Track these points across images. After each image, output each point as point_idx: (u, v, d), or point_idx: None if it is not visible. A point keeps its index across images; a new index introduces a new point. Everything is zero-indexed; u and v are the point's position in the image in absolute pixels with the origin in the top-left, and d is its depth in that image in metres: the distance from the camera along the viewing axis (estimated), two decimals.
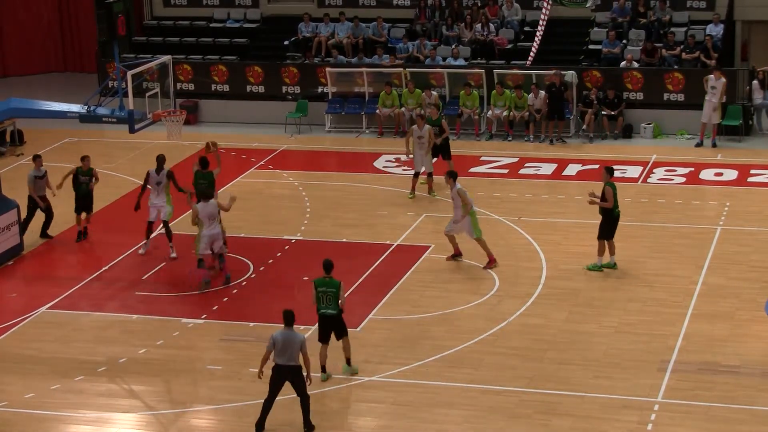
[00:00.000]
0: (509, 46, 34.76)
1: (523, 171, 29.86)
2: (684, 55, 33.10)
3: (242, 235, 24.99)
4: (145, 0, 38.59)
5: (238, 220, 25.53)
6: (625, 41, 34.01)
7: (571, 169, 29.82)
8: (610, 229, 23.21)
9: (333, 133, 34.04)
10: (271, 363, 17.54)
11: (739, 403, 18.11)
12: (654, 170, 29.50)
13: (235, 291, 23.01)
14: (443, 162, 28.21)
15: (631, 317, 21.27)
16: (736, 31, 34.26)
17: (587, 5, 33.33)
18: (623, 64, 33.13)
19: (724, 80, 31.20)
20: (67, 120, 25.42)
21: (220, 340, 20.94)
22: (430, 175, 27.84)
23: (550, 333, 20.73)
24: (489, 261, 23.73)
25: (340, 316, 19.12)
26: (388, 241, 25.16)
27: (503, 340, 20.51)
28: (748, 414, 17.85)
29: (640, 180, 28.73)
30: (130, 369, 19.98)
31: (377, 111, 33.55)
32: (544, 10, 33.62)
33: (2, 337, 21.37)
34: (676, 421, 17.69)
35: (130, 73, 24.00)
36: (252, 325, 21.45)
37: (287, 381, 17.50)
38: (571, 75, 32.65)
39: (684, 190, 28.06)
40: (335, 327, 19.17)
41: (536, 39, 33.52)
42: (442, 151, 28.40)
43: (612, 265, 23.29)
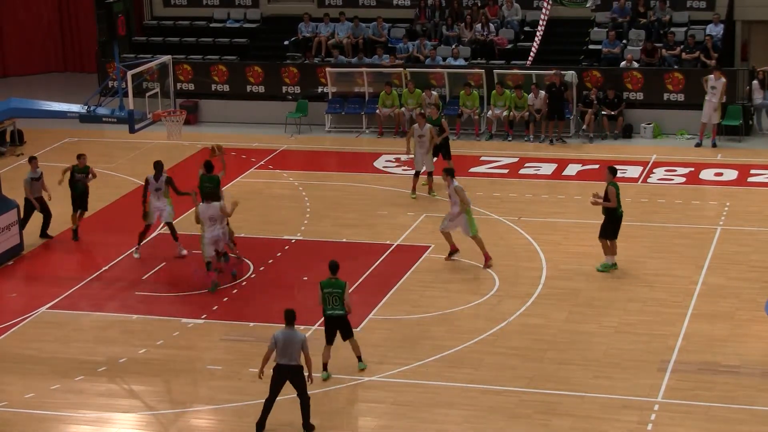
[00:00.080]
0: (509, 46, 34.75)
1: (523, 171, 29.86)
2: (684, 55, 33.09)
3: (242, 235, 24.96)
4: (145, 0, 38.59)
5: (238, 220, 25.49)
6: (625, 41, 34.00)
7: (571, 169, 29.82)
8: (613, 229, 23.17)
9: (333, 133, 34.04)
10: (272, 363, 17.55)
11: (739, 403, 18.11)
12: (654, 170, 29.49)
13: (235, 291, 23.01)
14: (443, 162, 28.18)
15: (631, 317, 21.26)
16: (736, 31, 34.25)
17: (587, 5, 33.31)
18: (623, 64, 33.12)
19: (724, 80, 31.19)
20: (67, 120, 25.43)
21: (220, 340, 20.94)
22: (430, 175, 27.82)
23: (550, 333, 20.73)
24: (486, 260, 23.75)
25: (346, 317, 19.17)
26: (388, 241, 25.16)
27: (503, 340, 20.51)
28: (748, 414, 17.85)
29: (640, 180, 28.73)
30: (130, 369, 19.98)
31: (377, 111, 33.54)
32: (544, 10, 33.61)
33: (2, 337, 21.37)
34: (676, 421, 17.69)
35: (130, 73, 24.00)
36: (252, 325, 21.45)
37: (288, 381, 17.51)
38: (571, 75, 32.64)
39: (684, 190, 28.06)
40: (342, 328, 19.20)
41: (536, 39, 33.51)
42: (442, 150, 28.40)
43: (612, 265, 23.28)
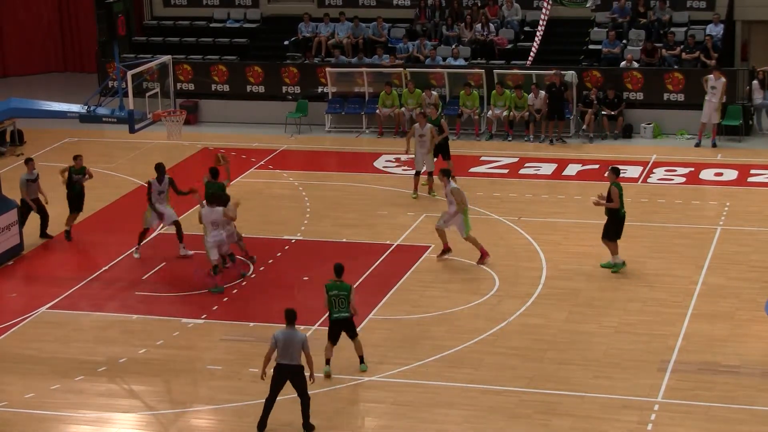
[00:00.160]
0: (509, 46, 34.74)
1: (523, 171, 29.85)
2: (684, 55, 33.09)
3: (243, 235, 24.92)
4: (145, 0, 38.59)
5: (238, 220, 25.42)
6: (625, 41, 34.00)
7: (571, 169, 29.81)
8: (616, 230, 23.14)
9: (333, 133, 34.03)
10: (273, 362, 17.54)
11: (739, 403, 18.11)
12: (654, 170, 29.49)
13: (235, 291, 23.00)
14: (443, 162, 28.17)
15: (631, 317, 21.26)
16: (736, 31, 34.25)
17: (587, 5, 33.31)
18: (623, 64, 33.12)
19: (723, 80, 31.19)
20: (67, 120, 25.42)
21: (220, 340, 20.94)
22: (431, 175, 27.81)
23: (550, 333, 20.72)
24: (481, 255, 23.76)
25: (352, 319, 19.21)
26: (388, 241, 25.15)
27: (503, 340, 20.51)
28: (748, 414, 17.85)
29: (640, 180, 28.72)
30: (130, 369, 19.97)
31: (377, 111, 33.54)
32: (544, 10, 33.60)
33: (2, 337, 21.36)
34: (676, 421, 17.69)
35: (130, 73, 23.99)
36: (252, 325, 21.44)
37: (288, 380, 17.50)
38: (571, 75, 32.64)
39: (684, 190, 28.05)
40: (347, 329, 19.24)
41: (536, 39, 33.50)
42: (442, 151, 28.38)
43: (612, 265, 23.29)
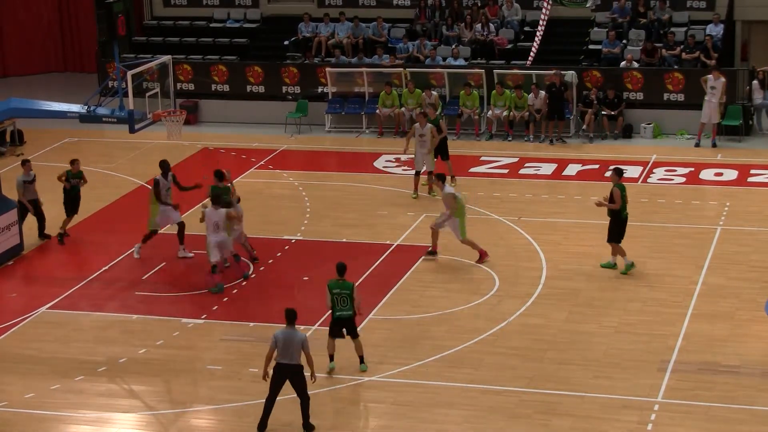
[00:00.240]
0: (509, 46, 34.74)
1: (523, 171, 29.85)
2: (684, 55, 33.09)
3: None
4: (145, 0, 38.59)
5: None
6: (625, 41, 34.00)
7: (571, 169, 29.81)
8: (618, 231, 23.11)
9: (333, 133, 34.03)
10: (272, 362, 17.54)
11: (739, 403, 18.11)
12: (654, 170, 29.49)
13: (235, 291, 23.00)
14: (441, 162, 28.20)
15: (631, 317, 21.25)
16: (736, 31, 34.25)
17: (587, 5, 33.31)
18: (623, 64, 33.11)
19: (723, 80, 31.19)
20: (67, 120, 25.40)
21: (220, 340, 20.93)
22: (431, 174, 27.81)
23: (550, 333, 20.72)
24: (480, 256, 23.76)
25: (354, 318, 19.24)
26: (388, 241, 25.15)
27: (503, 340, 20.51)
28: (748, 414, 17.85)
29: (640, 180, 28.71)
30: (130, 369, 19.97)
31: (377, 111, 33.53)
32: (544, 10, 33.60)
33: (2, 337, 21.36)
34: (676, 421, 17.69)
35: (130, 73, 23.99)
36: (252, 325, 21.44)
37: (288, 380, 17.50)
38: (571, 75, 32.63)
39: (684, 190, 28.05)
40: (348, 327, 19.28)
41: (536, 39, 33.50)
42: (440, 151, 28.35)
43: (612, 265, 23.29)
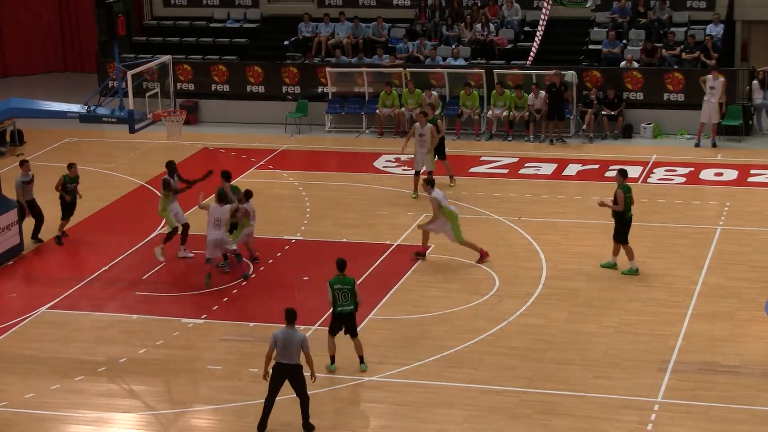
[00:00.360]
0: (509, 46, 34.75)
1: (523, 171, 29.85)
2: (684, 55, 33.09)
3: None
4: (145, 0, 38.60)
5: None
6: (625, 41, 34.00)
7: (571, 169, 29.81)
8: (623, 232, 23.08)
9: (333, 133, 34.03)
10: (272, 362, 17.54)
11: (739, 403, 18.11)
12: (654, 170, 29.49)
13: (235, 291, 23.00)
14: (439, 162, 28.19)
15: (631, 317, 21.25)
16: (736, 31, 34.26)
17: (587, 5, 33.32)
18: (623, 64, 33.12)
19: (722, 80, 31.20)
20: (67, 120, 25.39)
21: (220, 340, 20.93)
22: (431, 174, 27.78)
23: (550, 333, 20.72)
24: (481, 255, 23.77)
25: (355, 314, 19.27)
26: (388, 241, 25.15)
27: (503, 340, 20.50)
28: (748, 414, 17.85)
29: (640, 180, 28.70)
30: (130, 369, 19.97)
31: (377, 111, 33.53)
32: (544, 10, 33.60)
33: (2, 337, 21.36)
34: (676, 421, 17.68)
35: (130, 73, 23.98)
36: (252, 325, 21.44)
37: (287, 380, 17.49)
38: (571, 75, 32.63)
39: (684, 190, 28.05)
40: (349, 323, 19.29)
41: (536, 39, 33.50)
42: (438, 151, 28.33)
43: (612, 265, 23.27)
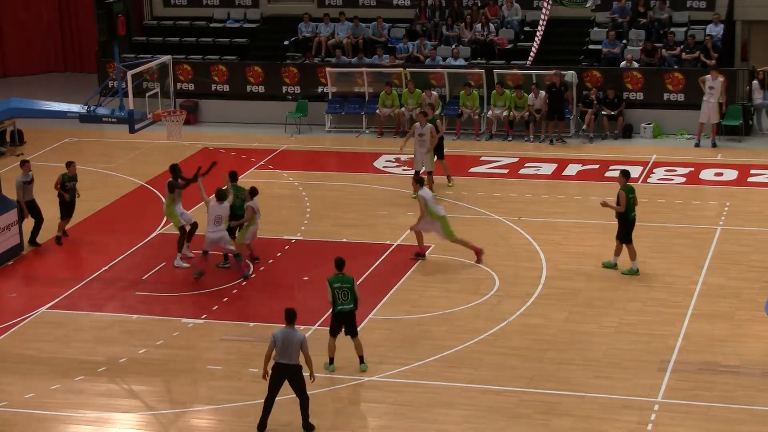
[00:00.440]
0: (509, 46, 34.75)
1: (523, 171, 29.85)
2: (684, 55, 33.09)
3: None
4: (145, 0, 38.59)
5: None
6: (625, 41, 34.00)
7: (571, 169, 29.81)
8: (627, 232, 23.04)
9: (333, 133, 34.03)
10: (271, 362, 17.53)
11: (739, 403, 18.11)
12: (654, 170, 29.49)
13: (235, 291, 23.00)
14: (437, 162, 28.17)
15: (631, 317, 21.25)
16: (736, 31, 34.26)
17: (587, 5, 33.32)
18: (623, 64, 33.12)
19: (721, 79, 31.20)
20: (67, 120, 25.39)
21: (220, 340, 20.93)
22: (430, 175, 27.80)
23: (550, 333, 20.72)
24: (476, 254, 23.79)
25: (354, 312, 19.28)
26: (388, 241, 25.15)
27: (503, 340, 20.50)
28: (748, 414, 17.84)
29: (640, 180, 28.69)
30: (130, 369, 19.97)
31: (377, 111, 33.53)
32: (544, 10, 33.60)
33: (2, 337, 21.35)
34: (676, 421, 17.68)
35: (130, 73, 23.98)
36: (252, 325, 21.44)
37: (286, 380, 17.49)
38: (571, 75, 32.63)
39: (684, 190, 28.05)
40: (349, 323, 19.29)
41: (536, 39, 33.50)
42: (436, 151, 28.32)
43: (613, 265, 23.25)
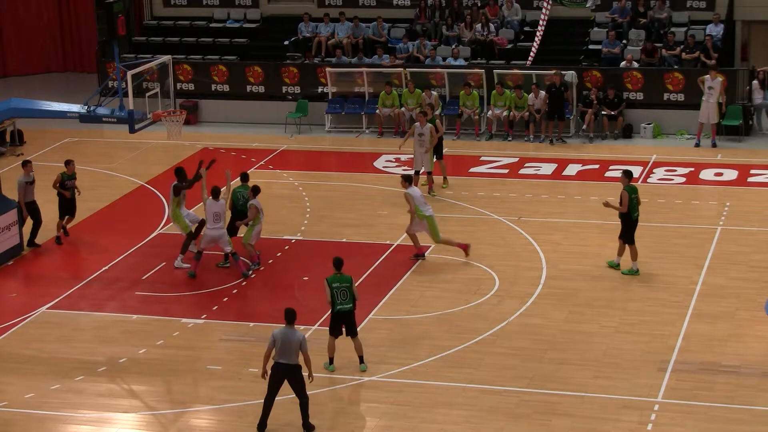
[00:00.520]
0: (509, 46, 34.76)
1: (523, 171, 29.85)
2: (684, 55, 33.10)
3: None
4: (145, 0, 38.60)
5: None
6: (625, 41, 34.01)
7: (571, 169, 29.81)
8: (629, 233, 22.98)
9: (333, 133, 34.03)
10: (271, 361, 17.54)
11: (739, 403, 18.11)
12: (654, 170, 29.49)
13: (235, 291, 23.00)
14: (435, 162, 28.16)
15: (631, 317, 21.25)
16: (736, 31, 34.27)
17: (587, 5, 33.33)
18: (623, 64, 33.12)
19: (720, 79, 31.20)
20: (67, 120, 25.39)
21: (220, 340, 20.94)
22: (430, 174, 27.82)
23: (550, 333, 20.72)
24: (463, 250, 23.79)
25: (354, 312, 19.27)
26: (388, 241, 25.15)
27: (503, 340, 20.50)
28: (748, 414, 17.84)
29: (640, 180, 28.68)
30: (130, 369, 19.97)
31: (377, 111, 33.53)
32: (544, 10, 33.60)
33: (2, 337, 21.36)
34: (676, 421, 17.68)
35: (130, 73, 23.98)
36: (252, 325, 21.44)
37: (286, 380, 17.49)
38: (571, 75, 32.63)
39: (684, 190, 28.05)
40: (348, 322, 19.29)
41: (536, 39, 33.50)
42: (435, 151, 28.32)
43: (616, 265, 23.14)
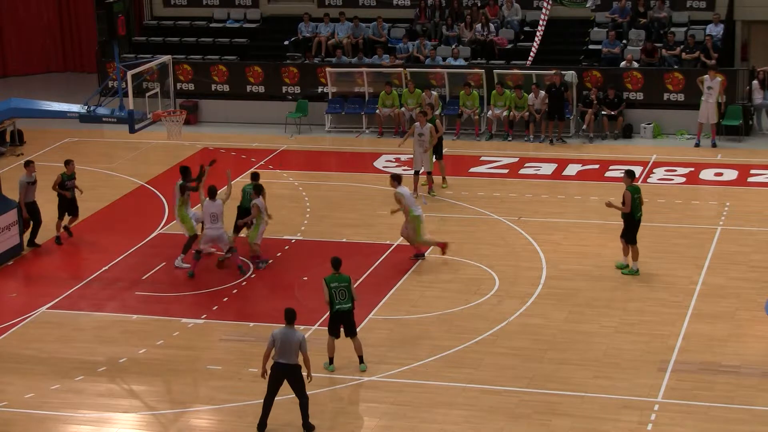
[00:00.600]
0: (509, 46, 34.76)
1: (523, 171, 29.85)
2: (684, 55, 33.10)
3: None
4: (145, 0, 38.60)
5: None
6: (625, 41, 34.01)
7: (571, 169, 29.81)
8: (632, 233, 22.97)
9: (333, 133, 34.03)
10: (271, 361, 17.54)
11: (739, 403, 18.11)
12: (654, 170, 29.49)
13: (235, 291, 23.01)
14: (435, 162, 28.15)
15: (631, 317, 21.25)
16: (736, 31, 34.27)
17: (587, 5, 33.33)
18: (623, 64, 33.12)
19: (719, 79, 31.20)
20: (67, 120, 25.40)
21: (220, 340, 20.94)
22: (429, 174, 27.83)
23: (550, 333, 20.72)
24: (441, 248, 23.90)
25: (353, 312, 19.27)
26: (388, 241, 25.15)
27: (503, 340, 20.51)
28: (748, 414, 17.85)
29: (640, 180, 28.63)
30: (130, 369, 19.97)
31: (377, 111, 33.54)
32: (544, 10, 33.60)
33: (2, 337, 21.36)
34: (676, 421, 17.68)
35: (130, 73, 23.98)
36: (252, 325, 21.44)
37: (285, 380, 17.49)
38: (571, 75, 32.63)
39: (684, 190, 28.05)
40: (347, 322, 19.28)
41: (536, 39, 33.51)
42: (435, 151, 28.32)
43: (625, 266, 23.09)
